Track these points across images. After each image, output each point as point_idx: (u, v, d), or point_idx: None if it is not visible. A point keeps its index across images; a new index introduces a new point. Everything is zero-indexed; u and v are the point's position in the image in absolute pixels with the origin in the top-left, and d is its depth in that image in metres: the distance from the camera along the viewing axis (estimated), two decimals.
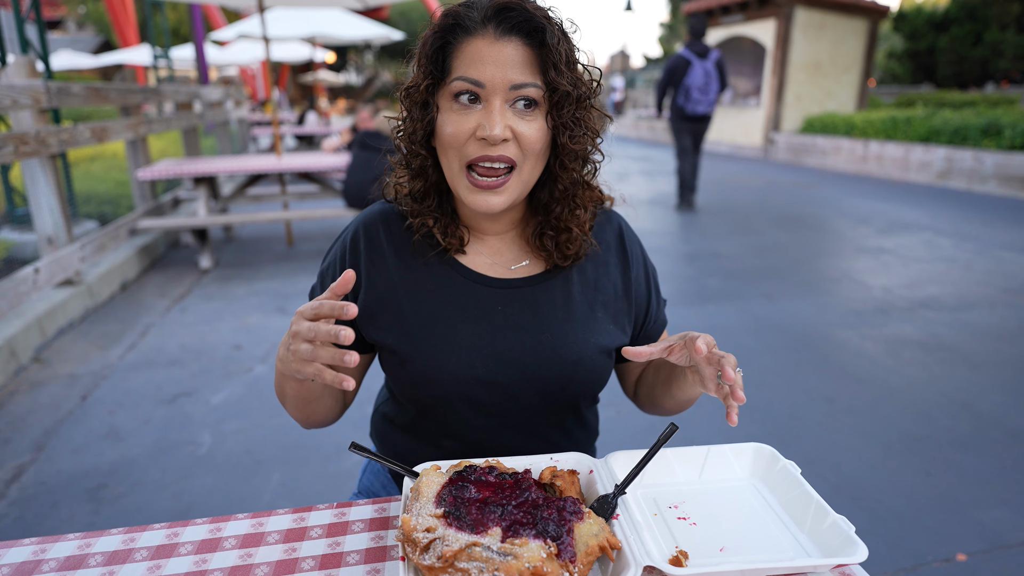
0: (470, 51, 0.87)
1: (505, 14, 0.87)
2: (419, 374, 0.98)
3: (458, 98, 0.89)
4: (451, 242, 1.00)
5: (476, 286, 1.01)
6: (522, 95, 0.88)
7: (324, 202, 7.25)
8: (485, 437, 1.04)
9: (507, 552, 0.71)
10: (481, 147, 0.89)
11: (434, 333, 0.98)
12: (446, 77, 0.90)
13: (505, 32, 0.87)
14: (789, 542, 0.82)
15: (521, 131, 0.89)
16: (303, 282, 4.81)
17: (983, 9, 17.54)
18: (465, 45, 0.88)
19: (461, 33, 0.88)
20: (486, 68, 0.87)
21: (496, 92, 0.87)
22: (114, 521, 2.16)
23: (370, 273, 1.02)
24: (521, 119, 0.89)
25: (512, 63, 0.87)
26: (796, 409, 2.91)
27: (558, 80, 0.88)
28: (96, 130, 4.50)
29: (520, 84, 0.87)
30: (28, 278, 3.58)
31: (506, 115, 0.88)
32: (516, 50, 0.87)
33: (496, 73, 0.87)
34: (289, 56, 14.72)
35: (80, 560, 0.82)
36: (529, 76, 0.88)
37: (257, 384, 3.16)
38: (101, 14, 19.13)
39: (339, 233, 1.09)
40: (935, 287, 4.71)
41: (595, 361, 1.01)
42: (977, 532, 2.08)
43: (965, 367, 3.33)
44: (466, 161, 0.91)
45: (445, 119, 0.90)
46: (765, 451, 0.96)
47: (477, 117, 0.89)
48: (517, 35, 0.87)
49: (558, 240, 1.00)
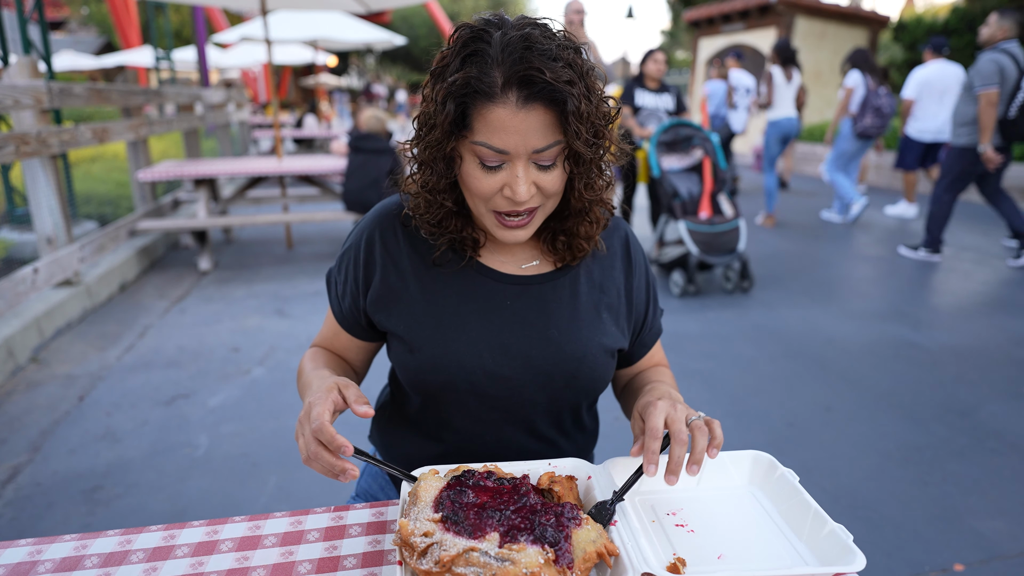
0: (492, 119, 0.86)
1: (529, 87, 0.85)
2: (427, 362, 1.00)
3: (483, 162, 0.90)
4: (465, 246, 1.03)
5: (487, 280, 1.04)
6: (544, 156, 0.90)
7: (324, 205, 7.25)
8: (485, 431, 1.06)
9: (505, 557, 0.71)
10: (508, 203, 0.92)
11: (444, 322, 1.01)
12: (466, 132, 0.89)
13: (527, 99, 0.85)
14: (787, 550, 0.82)
15: (543, 184, 0.92)
16: (302, 285, 4.81)
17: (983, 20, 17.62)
18: (486, 111, 0.86)
19: (480, 97, 0.86)
20: (510, 137, 0.87)
21: (520, 157, 0.89)
22: (110, 523, 2.16)
23: (384, 263, 1.05)
24: (543, 173, 0.91)
25: (535, 131, 0.87)
26: (794, 417, 2.91)
27: (577, 143, 0.88)
28: (97, 131, 4.50)
29: (542, 148, 0.88)
30: (27, 278, 3.57)
31: (530, 173, 0.90)
32: (538, 117, 0.86)
33: (519, 142, 0.87)
34: (291, 59, 14.76)
35: (76, 562, 0.81)
36: (551, 137, 0.88)
37: (255, 386, 3.16)
38: (104, 15, 19.17)
39: (357, 222, 1.12)
40: (934, 296, 4.72)
41: (598, 359, 1.04)
42: (974, 542, 2.07)
43: (963, 377, 3.33)
44: (494, 210, 0.94)
45: (470, 173, 0.91)
46: (763, 459, 0.96)
47: (502, 178, 0.90)
48: (539, 102, 0.86)
49: (570, 244, 1.03)
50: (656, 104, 5.36)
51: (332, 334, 1.14)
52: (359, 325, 1.10)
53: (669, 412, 0.88)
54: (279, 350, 3.60)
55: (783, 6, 13.07)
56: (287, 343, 3.70)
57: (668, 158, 4.81)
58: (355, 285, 1.07)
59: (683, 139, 4.80)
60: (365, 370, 1.20)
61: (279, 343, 3.70)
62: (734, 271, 4.70)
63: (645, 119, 5.29)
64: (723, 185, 4.74)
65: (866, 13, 13.60)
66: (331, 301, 1.13)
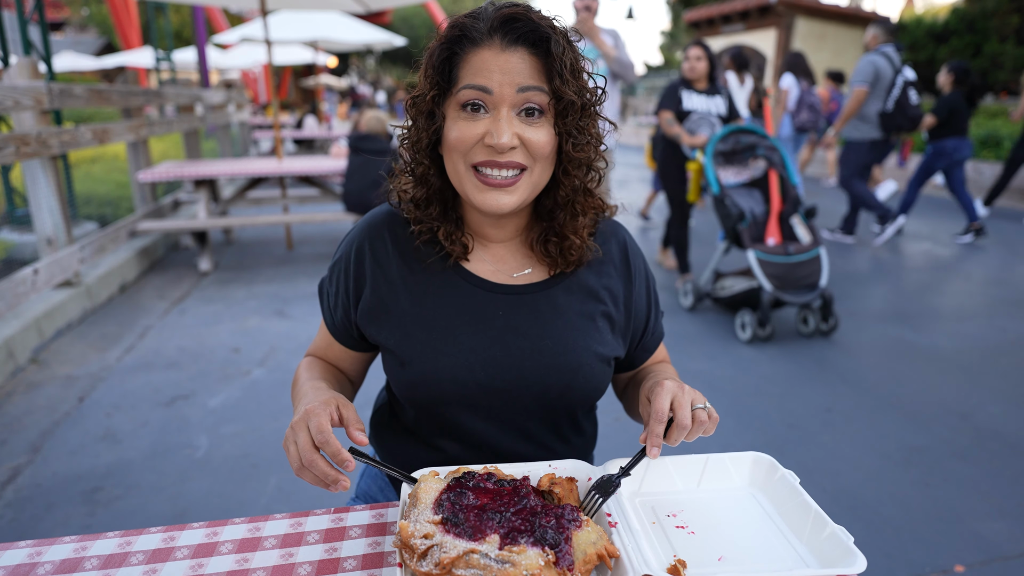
0: (477, 61, 0.89)
1: (511, 24, 0.88)
2: (419, 376, 0.99)
3: (465, 107, 0.90)
4: (455, 248, 1.01)
5: (478, 291, 1.02)
6: (528, 99, 0.89)
7: (324, 206, 7.25)
8: (482, 440, 1.05)
9: (505, 559, 0.71)
10: (488, 152, 0.90)
11: (435, 336, 0.99)
12: (453, 87, 0.91)
13: (511, 42, 0.88)
14: (787, 551, 0.82)
15: (528, 137, 0.90)
16: (302, 286, 4.81)
17: (983, 21, 17.63)
18: (472, 56, 0.89)
19: (468, 44, 0.89)
20: (493, 75, 0.88)
21: (504, 100, 0.89)
22: (110, 524, 2.15)
23: (374, 274, 1.03)
24: (528, 126, 0.90)
25: (519, 71, 0.88)
26: (795, 419, 2.90)
27: (563, 88, 0.89)
28: (97, 132, 4.50)
29: (527, 87, 0.88)
30: (27, 279, 3.57)
31: (513, 123, 0.89)
32: (522, 59, 0.89)
33: (503, 80, 0.88)
34: (291, 60, 14.77)
35: (76, 563, 0.81)
36: (535, 82, 0.89)
37: (255, 387, 3.16)
38: (104, 16, 19.18)
39: (347, 233, 1.10)
40: (934, 297, 4.71)
41: (594, 369, 1.02)
42: (975, 544, 2.07)
43: (964, 378, 3.32)
44: (472, 163, 0.92)
45: (452, 126, 0.91)
46: (764, 460, 0.96)
47: (485, 125, 0.89)
48: (523, 44, 0.89)
49: (561, 246, 1.01)
50: (707, 107, 4.49)
51: (326, 344, 1.13)
52: (351, 337, 1.09)
53: (676, 395, 0.88)
54: (279, 351, 3.60)
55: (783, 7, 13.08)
56: (287, 344, 3.70)
57: (724, 171, 4.06)
58: (346, 297, 1.06)
59: (744, 148, 4.03)
60: (361, 379, 1.19)
61: (279, 344, 3.70)
62: (814, 311, 3.80)
63: (695, 125, 4.46)
64: (796, 205, 3.93)
65: (866, 14, 13.62)
66: (323, 312, 1.12)
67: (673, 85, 4.57)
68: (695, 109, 4.46)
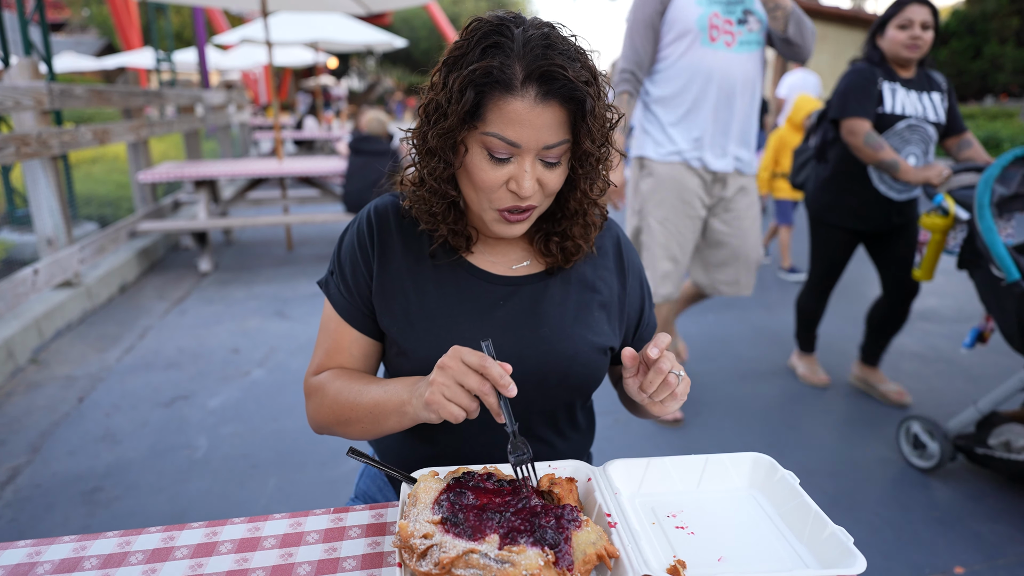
0: (509, 111, 0.87)
1: (549, 84, 0.86)
2: (420, 366, 1.00)
3: (491, 153, 0.90)
4: (459, 242, 1.03)
5: (479, 282, 1.04)
6: (553, 153, 0.91)
7: (324, 206, 7.26)
8: (479, 432, 1.05)
9: (504, 560, 0.71)
10: (511, 198, 0.93)
11: (436, 325, 1.01)
12: (478, 122, 0.89)
13: (545, 97, 0.87)
14: (787, 552, 0.82)
15: (546, 181, 0.93)
16: (302, 286, 4.81)
17: (983, 23, 17.67)
18: (503, 103, 0.87)
19: (499, 88, 0.86)
20: (524, 131, 0.88)
21: (529, 152, 0.90)
22: (109, 524, 2.15)
23: (381, 260, 1.05)
24: (547, 170, 0.93)
25: (549, 127, 0.88)
26: (795, 419, 2.90)
27: (585, 140, 0.91)
28: (98, 132, 4.50)
29: (552, 145, 0.90)
30: (27, 279, 3.57)
31: (535, 169, 0.91)
32: (553, 114, 0.88)
33: (532, 136, 0.88)
34: (291, 61, 14.78)
35: (75, 563, 0.81)
36: (561, 135, 0.90)
37: (254, 388, 3.16)
38: (104, 17, 19.18)
39: (350, 222, 1.11)
40: (933, 299, 4.71)
41: (591, 357, 1.04)
42: (975, 545, 2.07)
43: (963, 379, 3.33)
44: (496, 207, 0.95)
45: (476, 164, 0.92)
46: (764, 461, 0.96)
47: (509, 171, 0.91)
48: (556, 99, 0.88)
49: (563, 246, 1.04)
50: (920, 110, 2.65)
51: (335, 348, 1.08)
52: (366, 318, 1.07)
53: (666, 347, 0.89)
54: (279, 351, 3.60)
55: None
56: (287, 344, 3.70)
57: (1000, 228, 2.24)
58: (365, 268, 1.05)
59: None
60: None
61: (279, 344, 3.70)
62: None
63: (900, 141, 2.64)
64: None
65: (867, 15, 13.63)
66: (334, 301, 1.08)
67: (863, 72, 2.67)
68: (903, 113, 2.64)
